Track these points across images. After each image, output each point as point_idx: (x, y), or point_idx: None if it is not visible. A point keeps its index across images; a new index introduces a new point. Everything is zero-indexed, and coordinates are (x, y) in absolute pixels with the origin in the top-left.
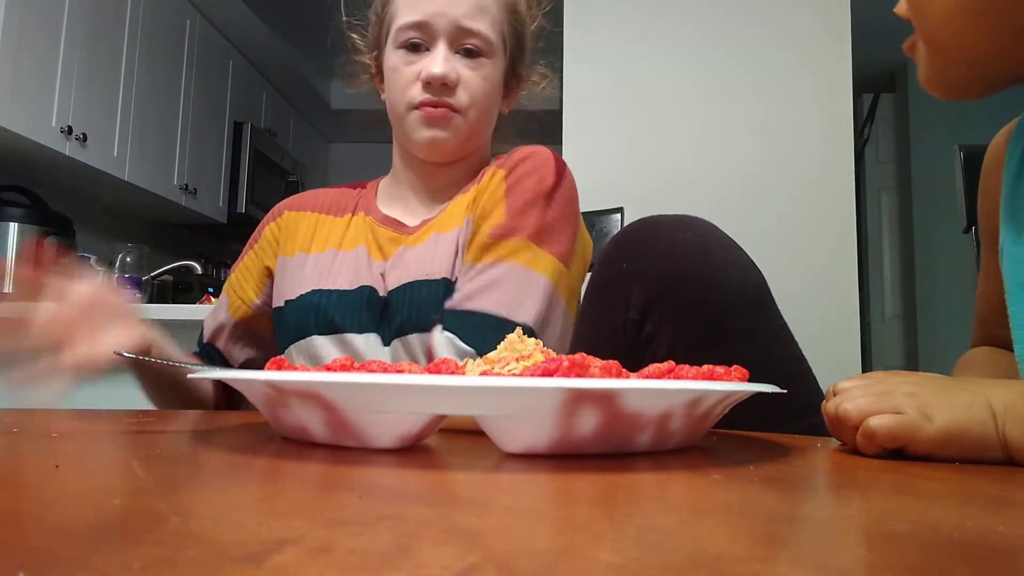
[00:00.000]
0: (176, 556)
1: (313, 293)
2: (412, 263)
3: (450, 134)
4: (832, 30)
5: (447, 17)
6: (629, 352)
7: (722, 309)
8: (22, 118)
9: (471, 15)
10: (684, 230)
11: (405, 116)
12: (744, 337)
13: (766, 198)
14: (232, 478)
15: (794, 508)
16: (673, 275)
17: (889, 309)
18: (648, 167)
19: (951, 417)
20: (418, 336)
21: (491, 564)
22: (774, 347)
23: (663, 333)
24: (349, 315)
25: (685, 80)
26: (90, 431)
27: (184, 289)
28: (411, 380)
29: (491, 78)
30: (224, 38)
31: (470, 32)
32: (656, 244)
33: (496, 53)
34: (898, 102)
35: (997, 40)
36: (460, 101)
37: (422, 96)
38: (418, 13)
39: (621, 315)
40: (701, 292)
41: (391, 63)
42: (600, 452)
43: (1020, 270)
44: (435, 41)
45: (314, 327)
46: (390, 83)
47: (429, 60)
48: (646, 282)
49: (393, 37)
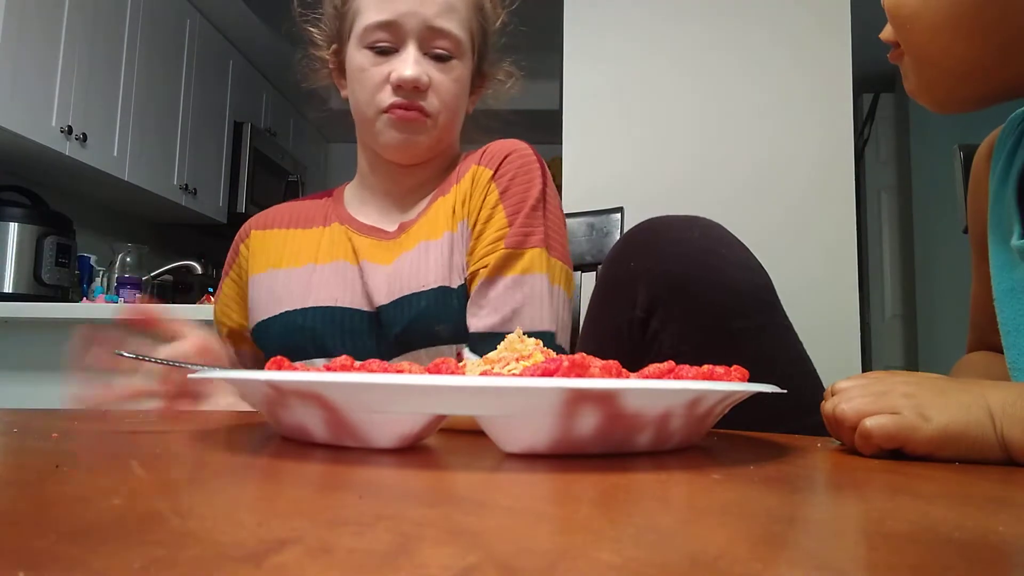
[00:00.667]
0: (176, 556)
1: (297, 313)
2: (404, 273)
3: (422, 137)
4: (832, 30)
5: (417, 17)
6: (634, 349)
7: (727, 308)
8: (22, 118)
9: (441, 14)
10: (691, 230)
11: (374, 119)
12: (748, 336)
13: (766, 198)
14: (232, 478)
15: (794, 508)
16: (679, 274)
17: (889, 309)
18: (647, 167)
19: (949, 418)
20: (426, 351)
21: (491, 564)
22: (778, 347)
23: (668, 331)
24: (339, 336)
25: (684, 80)
26: (90, 431)
27: (184, 289)
28: (411, 380)
29: (461, 79)
30: (224, 38)
31: (440, 32)
32: (663, 243)
33: (465, 53)
34: (898, 102)
35: (985, 54)
36: (432, 105)
37: (392, 99)
38: (387, 12)
39: (627, 313)
40: (706, 291)
41: (357, 63)
42: (600, 452)
43: (1006, 277)
44: (404, 41)
45: (312, 350)
46: (356, 84)
47: (399, 62)
48: (652, 280)
49: (359, 35)
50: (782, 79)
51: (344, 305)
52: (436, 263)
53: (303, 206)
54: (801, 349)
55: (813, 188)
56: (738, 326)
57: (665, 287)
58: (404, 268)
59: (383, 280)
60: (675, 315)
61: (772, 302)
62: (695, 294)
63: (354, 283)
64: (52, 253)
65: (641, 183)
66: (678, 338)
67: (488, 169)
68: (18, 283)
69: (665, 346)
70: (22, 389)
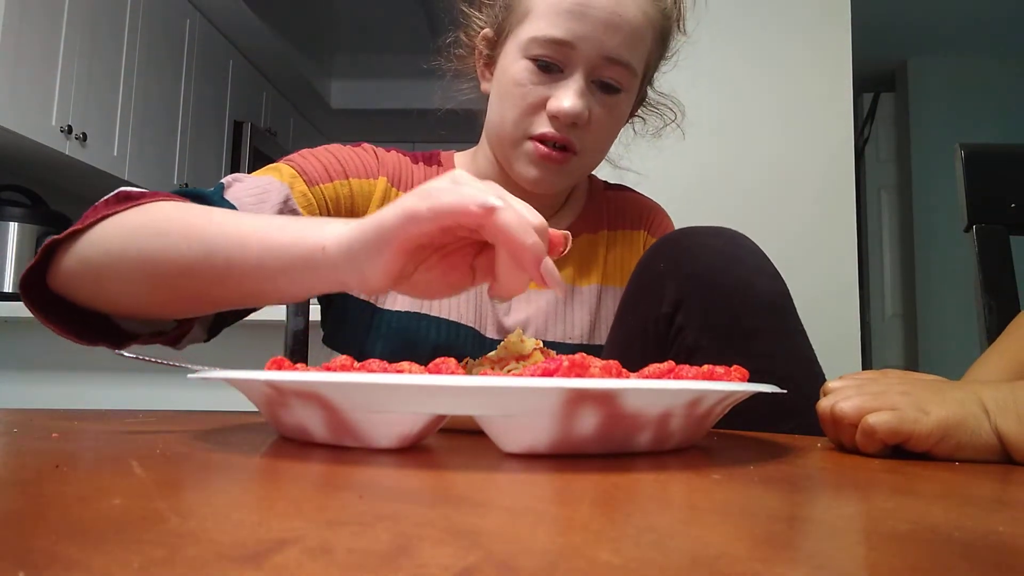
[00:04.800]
0: (176, 556)
1: (419, 318)
2: (543, 311)
3: (560, 179)
4: (832, 29)
5: (597, 45)
6: (660, 342)
7: (745, 308)
8: (22, 118)
9: (624, 45)
10: (717, 237)
11: (517, 143)
12: (762, 335)
13: (766, 197)
14: (232, 478)
15: (794, 508)
16: (703, 274)
17: (889, 309)
18: (645, 165)
19: (946, 411)
20: None
21: (491, 564)
22: (789, 347)
23: (691, 326)
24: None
25: (683, 80)
26: (90, 431)
27: None
28: (411, 380)
29: (623, 115)
30: (224, 38)
31: (616, 63)
32: (690, 248)
33: (633, 86)
34: (898, 102)
35: None
36: (583, 142)
37: (544, 128)
38: (563, 30)
39: (655, 310)
40: (727, 291)
41: (514, 74)
42: (600, 452)
43: None
44: (573, 66)
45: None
46: (507, 97)
47: (562, 90)
48: (679, 279)
49: (523, 43)
50: (782, 79)
51: (469, 324)
52: (582, 313)
53: (417, 171)
54: (811, 352)
55: (813, 188)
56: (753, 324)
57: (690, 285)
58: (543, 306)
59: (517, 309)
60: (697, 312)
61: (787, 307)
62: (716, 292)
63: (479, 302)
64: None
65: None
66: (699, 332)
67: (652, 237)
68: (18, 283)
69: (688, 338)
70: (22, 389)
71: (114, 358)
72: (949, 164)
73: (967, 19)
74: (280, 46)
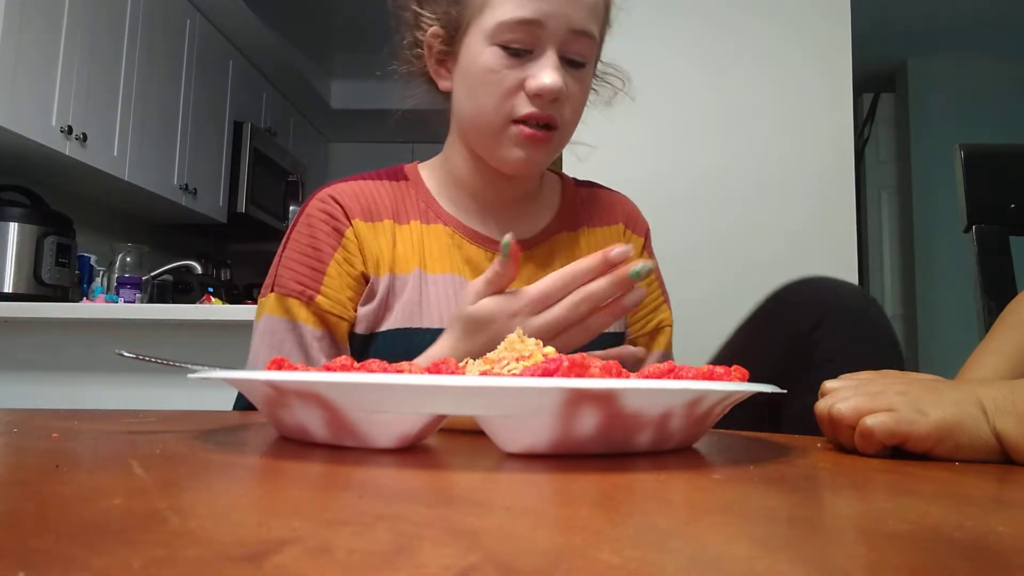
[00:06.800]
0: (176, 556)
1: (420, 334)
2: None
3: (545, 157)
4: (832, 30)
5: (564, 19)
6: (796, 355)
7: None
8: (22, 118)
9: (588, 16)
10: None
11: (501, 129)
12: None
13: (766, 197)
14: (232, 478)
15: (794, 508)
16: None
17: (889, 309)
18: (646, 166)
19: (944, 412)
20: None
21: (491, 564)
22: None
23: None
24: None
25: (683, 80)
26: (90, 431)
27: (184, 289)
28: (411, 380)
29: (588, 87)
30: (224, 38)
31: (582, 35)
32: (832, 282)
33: (595, 56)
34: (898, 102)
35: None
36: (564, 115)
37: (528, 109)
38: (529, 9)
39: (792, 327)
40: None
41: (484, 61)
42: (600, 452)
43: None
44: (543, 44)
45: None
46: (480, 86)
47: (537, 68)
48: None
49: (489, 31)
50: (782, 79)
51: None
52: None
53: (386, 189)
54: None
55: (813, 188)
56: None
57: (829, 308)
58: None
59: None
60: (835, 328)
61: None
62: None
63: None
64: (52, 253)
65: (640, 182)
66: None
67: (639, 237)
68: (18, 283)
69: (821, 348)
70: (22, 389)
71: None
72: (949, 164)
73: (967, 19)
74: (280, 46)
